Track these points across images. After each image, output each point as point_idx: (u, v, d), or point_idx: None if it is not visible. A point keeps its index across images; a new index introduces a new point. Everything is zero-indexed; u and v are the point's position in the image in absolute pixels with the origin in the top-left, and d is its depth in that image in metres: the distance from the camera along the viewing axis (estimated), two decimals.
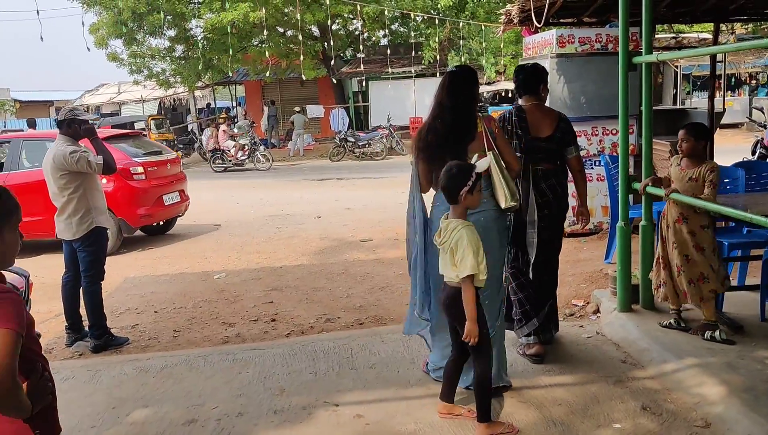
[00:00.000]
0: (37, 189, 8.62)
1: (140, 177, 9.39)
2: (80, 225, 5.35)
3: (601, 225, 7.68)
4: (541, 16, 7.13)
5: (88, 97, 35.79)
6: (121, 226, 9.18)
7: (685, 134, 4.47)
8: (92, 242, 5.44)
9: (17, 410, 1.86)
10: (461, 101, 3.95)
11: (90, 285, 5.49)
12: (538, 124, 4.50)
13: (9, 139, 9.97)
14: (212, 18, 21.83)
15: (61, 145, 5.37)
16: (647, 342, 4.57)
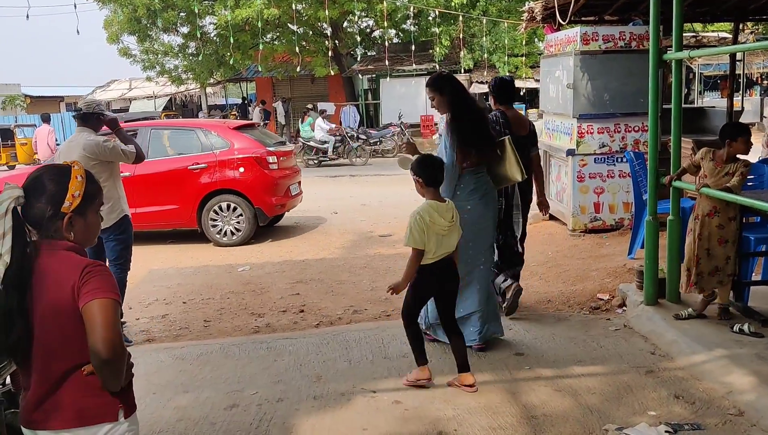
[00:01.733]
0: (169, 178, 8.92)
1: (274, 166, 9.24)
2: (111, 214, 5.35)
3: (623, 221, 7.75)
4: (566, 14, 7.19)
5: (98, 92, 35.91)
6: (258, 214, 9.07)
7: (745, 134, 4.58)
8: (123, 230, 5.49)
9: (119, 378, 1.97)
10: None
11: (119, 273, 5.48)
12: (518, 124, 5.40)
13: (137, 128, 9.85)
14: (225, 15, 21.92)
15: (89, 135, 5.37)
16: (675, 334, 4.65)
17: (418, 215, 3.97)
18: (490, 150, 4.58)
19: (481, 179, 4.58)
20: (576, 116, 7.64)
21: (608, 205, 7.83)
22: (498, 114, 5.31)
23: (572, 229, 7.92)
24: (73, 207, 2.04)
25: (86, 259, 2.03)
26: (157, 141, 9.37)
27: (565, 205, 8.10)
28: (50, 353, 1.97)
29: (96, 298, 1.91)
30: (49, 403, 1.99)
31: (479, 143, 4.50)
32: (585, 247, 7.44)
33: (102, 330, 1.88)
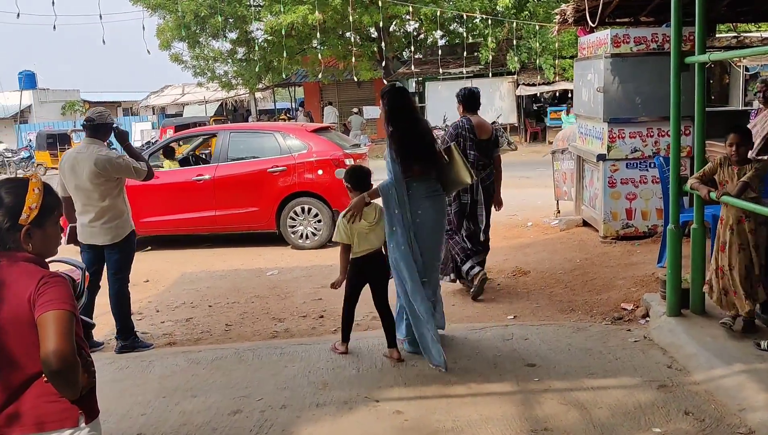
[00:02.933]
0: (249, 180, 8.97)
1: None
2: (120, 228, 5.31)
3: (656, 228, 7.53)
4: (596, 16, 7.04)
5: (153, 98, 36.92)
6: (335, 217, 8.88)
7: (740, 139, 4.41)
8: (129, 245, 5.44)
9: (74, 388, 2.00)
10: None
11: (121, 287, 5.43)
12: (481, 129, 6.22)
13: (216, 132, 10.20)
14: (272, 20, 22.23)
15: (100, 148, 5.26)
16: (695, 347, 4.49)
17: (342, 216, 4.64)
18: (431, 161, 4.70)
19: (430, 186, 4.72)
20: (607, 120, 7.46)
21: (641, 212, 7.62)
22: (464, 120, 6.23)
23: (603, 235, 7.74)
24: (30, 219, 2.08)
25: (44, 271, 2.09)
26: (236, 144, 9.44)
27: (597, 211, 7.93)
28: (11, 362, 2.02)
29: (49, 309, 1.96)
30: (10, 409, 2.04)
31: (418, 155, 4.64)
32: (615, 255, 7.26)
33: (53, 341, 1.92)
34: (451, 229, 6.22)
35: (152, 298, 7.18)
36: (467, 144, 6.12)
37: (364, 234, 4.62)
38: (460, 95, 6.34)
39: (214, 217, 9.12)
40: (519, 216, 10.45)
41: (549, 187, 11.45)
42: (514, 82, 24.98)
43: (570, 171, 9.32)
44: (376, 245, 4.72)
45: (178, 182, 9.38)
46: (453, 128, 6.29)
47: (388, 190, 4.61)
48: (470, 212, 6.26)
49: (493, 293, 6.49)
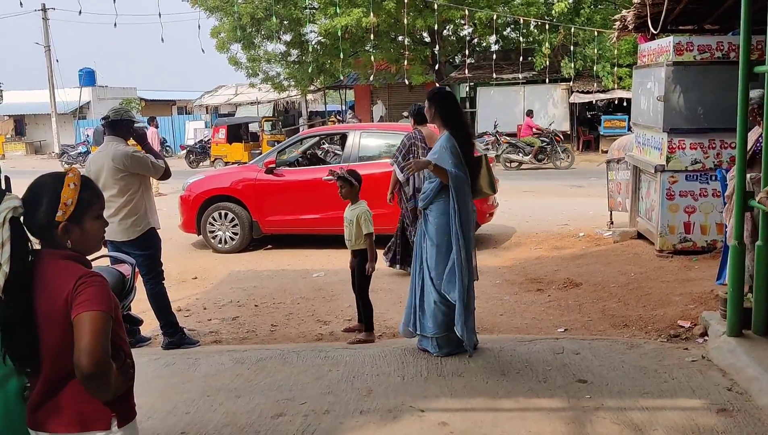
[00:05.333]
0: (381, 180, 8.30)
1: None
2: (137, 226, 5.23)
3: (715, 243, 7.25)
4: (658, 23, 6.83)
5: (207, 97, 37.54)
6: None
7: None
8: (149, 244, 5.37)
9: (106, 391, 1.97)
10: None
11: (154, 286, 5.39)
12: (431, 139, 6.89)
13: (346, 131, 10.32)
14: (326, 23, 22.35)
15: (118, 145, 5.24)
16: (757, 370, 4.26)
17: (367, 210, 5.45)
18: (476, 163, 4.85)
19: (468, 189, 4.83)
20: (666, 130, 7.22)
21: (699, 226, 7.35)
22: (416, 132, 7.30)
23: (659, 249, 7.49)
24: (67, 215, 2.04)
25: (83, 269, 2.05)
26: (367, 144, 9.35)
27: (654, 224, 7.68)
28: (54, 357, 2.00)
29: (85, 310, 1.93)
30: (49, 405, 2.03)
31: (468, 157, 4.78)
32: (671, 270, 7.01)
33: (86, 344, 1.89)
34: (409, 223, 7.33)
35: (200, 295, 7.24)
36: (420, 152, 7.09)
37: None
38: (412, 111, 7.43)
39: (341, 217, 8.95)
40: (570, 226, 10.24)
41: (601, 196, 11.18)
42: (567, 89, 24.57)
43: (625, 181, 9.07)
44: None
45: (305, 180, 9.26)
46: (407, 139, 7.33)
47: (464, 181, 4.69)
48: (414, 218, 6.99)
49: (543, 305, 6.33)
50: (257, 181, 9.26)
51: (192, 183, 9.72)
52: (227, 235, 9.32)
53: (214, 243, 9.35)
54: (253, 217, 9.24)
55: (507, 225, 10.39)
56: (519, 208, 11.81)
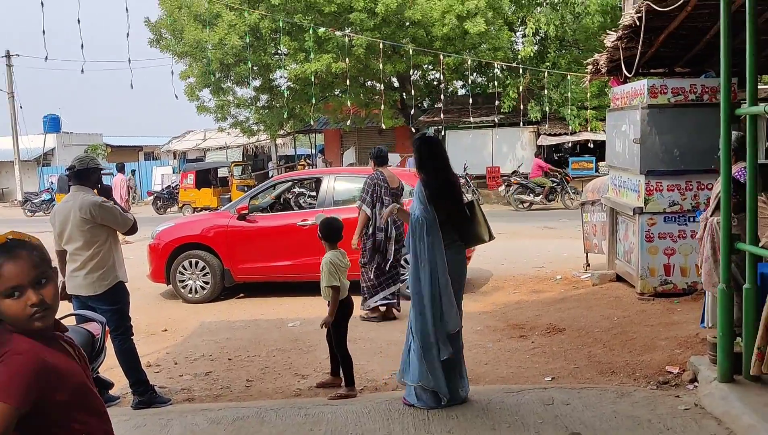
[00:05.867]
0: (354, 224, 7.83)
1: None
2: (104, 280, 5.00)
3: (696, 285, 7.20)
4: (632, 66, 6.88)
5: (175, 143, 37.25)
6: None
7: None
8: (117, 299, 5.12)
9: None
10: None
11: (123, 343, 5.12)
12: (392, 180, 7.52)
13: (320, 175, 10.09)
14: (296, 68, 22.42)
15: (85, 195, 5.03)
16: (753, 418, 4.14)
17: (328, 262, 5.12)
18: (458, 209, 4.74)
19: (450, 236, 4.68)
20: (644, 172, 7.22)
21: (680, 268, 7.32)
22: (378, 173, 7.49)
23: (640, 292, 7.42)
24: None
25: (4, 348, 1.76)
26: (342, 188, 9.16)
27: (633, 266, 7.63)
28: None
29: None
30: None
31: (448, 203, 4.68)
32: (654, 313, 6.93)
33: None
34: (364, 261, 7.48)
35: (170, 349, 6.94)
36: (382, 192, 7.39)
37: (345, 275, 5.20)
38: (372, 154, 7.69)
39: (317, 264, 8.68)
40: (547, 268, 10.18)
41: (574, 238, 11.21)
42: (535, 131, 24.88)
43: (601, 223, 9.06)
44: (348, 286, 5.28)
45: (279, 226, 9.09)
46: (370, 180, 7.49)
47: (419, 223, 4.60)
48: (384, 248, 7.45)
49: (527, 352, 6.18)
50: (229, 228, 9.05)
51: (161, 231, 9.46)
52: (198, 284, 9.04)
53: (185, 293, 9.06)
54: (225, 265, 8.99)
55: (483, 268, 10.29)
56: (493, 250, 11.68)
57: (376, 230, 7.44)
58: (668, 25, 6.63)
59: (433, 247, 4.57)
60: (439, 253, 4.57)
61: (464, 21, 21.08)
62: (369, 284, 7.53)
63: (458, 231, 4.75)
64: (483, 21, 21.13)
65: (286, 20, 20.75)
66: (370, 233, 7.47)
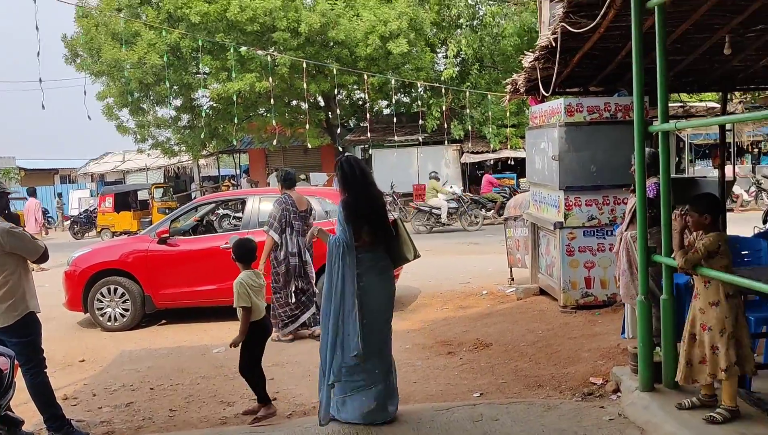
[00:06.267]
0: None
1: None
2: (13, 311, 4.73)
3: (615, 297, 7.42)
4: (549, 86, 7.07)
5: (92, 165, 36.02)
6: None
7: (690, 208, 4.29)
8: (28, 332, 4.85)
9: None
10: None
11: (35, 377, 4.86)
12: (300, 202, 7.61)
13: (245, 196, 9.81)
14: (219, 88, 22.10)
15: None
16: (674, 425, 4.26)
17: (240, 282, 5.10)
18: (382, 230, 4.71)
19: (378, 257, 4.68)
20: (563, 188, 7.43)
21: (599, 280, 7.54)
22: (286, 197, 7.55)
23: (563, 305, 7.60)
24: None
25: None
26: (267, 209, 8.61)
27: (556, 280, 7.81)
28: None
29: None
30: None
31: (369, 223, 4.65)
32: (577, 325, 7.10)
33: None
34: (278, 287, 7.44)
35: (88, 380, 6.63)
36: (291, 216, 7.47)
37: (261, 296, 5.22)
38: (280, 177, 7.77)
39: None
40: (473, 284, 10.30)
41: (498, 253, 11.40)
42: (458, 149, 25.33)
43: (523, 238, 9.25)
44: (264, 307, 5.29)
45: (201, 250, 8.81)
46: (278, 203, 7.54)
47: (336, 245, 4.60)
48: (300, 273, 7.47)
49: (456, 368, 6.20)
50: (149, 253, 8.76)
51: (77, 257, 9.07)
52: (117, 311, 8.70)
53: (103, 321, 8.69)
54: (146, 291, 8.69)
55: (411, 286, 10.32)
56: (420, 267, 11.77)
57: (288, 255, 7.45)
58: (582, 46, 6.85)
59: (345, 269, 4.55)
60: (350, 277, 4.55)
61: (387, 42, 21.32)
62: (286, 309, 7.53)
63: (388, 252, 4.75)
64: (405, 42, 21.42)
65: (207, 39, 20.45)
66: (282, 259, 7.45)
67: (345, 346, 4.54)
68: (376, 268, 4.67)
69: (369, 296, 4.58)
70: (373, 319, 4.61)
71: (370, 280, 4.61)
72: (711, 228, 4.24)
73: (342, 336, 4.55)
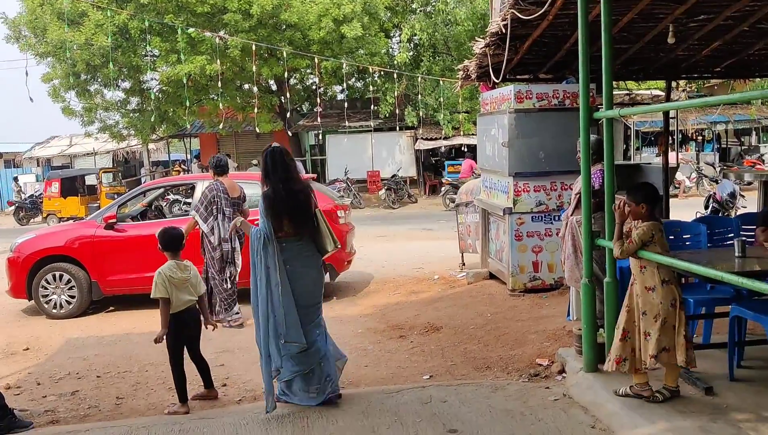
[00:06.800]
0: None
1: (342, 220, 8.88)
2: None
3: (562, 280, 7.57)
4: (499, 72, 7.14)
5: (38, 149, 35.01)
6: (329, 271, 8.46)
7: (628, 199, 4.38)
8: None
9: None
10: None
11: None
12: (232, 189, 7.63)
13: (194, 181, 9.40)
14: (168, 70, 21.66)
15: None
16: (617, 405, 4.40)
17: (160, 272, 5.02)
18: (301, 222, 4.75)
19: (302, 246, 4.75)
20: (512, 174, 7.53)
21: (547, 264, 7.69)
22: (217, 184, 7.52)
23: (512, 288, 7.73)
24: None
25: None
26: None
27: (505, 264, 7.93)
28: None
29: None
30: None
31: (288, 215, 4.70)
32: (525, 308, 7.23)
33: None
34: (215, 272, 7.45)
35: (32, 368, 6.47)
36: (222, 202, 7.46)
37: (183, 288, 5.05)
38: (212, 164, 7.73)
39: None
40: (425, 269, 10.38)
41: (451, 239, 11.51)
42: (413, 136, 25.40)
43: (474, 224, 9.35)
44: (193, 298, 5.12)
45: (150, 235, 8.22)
46: (209, 190, 7.53)
47: (257, 237, 4.67)
48: (232, 259, 7.50)
49: (406, 352, 6.26)
50: (95, 238, 8.58)
51: (21, 243, 8.82)
52: (63, 298, 8.50)
53: (48, 308, 8.49)
54: (92, 278, 8.51)
55: (364, 272, 10.35)
56: (374, 253, 11.85)
57: (221, 241, 7.47)
58: (532, 33, 6.93)
59: (268, 259, 4.61)
60: (273, 265, 4.60)
61: (341, 25, 21.16)
62: (226, 295, 7.55)
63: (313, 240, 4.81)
64: (359, 26, 21.29)
65: (156, 21, 19.99)
66: (216, 244, 7.49)
67: (279, 333, 4.61)
68: (301, 257, 4.73)
69: (295, 283, 4.65)
70: (301, 304, 4.67)
71: (295, 267, 4.67)
72: (647, 217, 4.36)
73: (274, 323, 4.61)
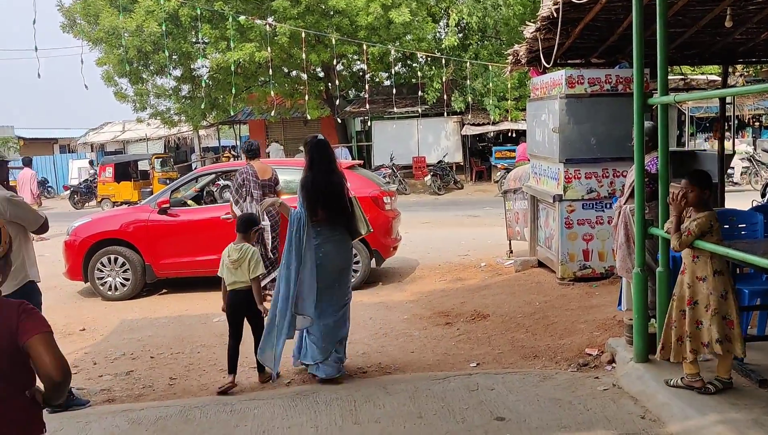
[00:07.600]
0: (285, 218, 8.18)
1: (388, 206, 9.02)
2: (13, 279, 4.56)
3: (612, 269, 7.44)
4: (550, 57, 7.03)
5: (92, 135, 35.92)
6: (375, 257, 8.80)
7: (688, 184, 4.26)
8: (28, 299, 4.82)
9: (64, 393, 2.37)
10: None
11: None
12: (263, 172, 7.97)
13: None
14: (218, 57, 21.93)
15: None
16: (667, 396, 4.33)
17: (223, 253, 5.33)
18: (337, 210, 5.16)
19: (335, 231, 5.17)
20: (562, 161, 7.42)
21: (597, 253, 7.57)
22: (248, 167, 7.88)
23: (561, 277, 7.64)
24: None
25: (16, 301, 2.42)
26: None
27: (554, 252, 7.84)
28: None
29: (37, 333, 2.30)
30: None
31: (324, 204, 5.09)
32: (574, 297, 7.15)
33: (51, 360, 2.25)
34: None
35: (89, 348, 6.69)
36: (251, 185, 7.79)
37: (231, 270, 5.25)
38: (244, 149, 8.20)
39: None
40: (471, 256, 10.34)
41: (497, 225, 11.42)
42: (459, 121, 25.22)
43: (523, 211, 9.26)
44: (242, 282, 5.24)
45: (202, 220, 8.83)
46: (239, 174, 7.89)
47: (296, 218, 5.11)
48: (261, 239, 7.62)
49: (452, 339, 6.26)
50: (149, 223, 8.79)
51: (77, 226, 9.09)
52: (118, 281, 8.75)
53: (104, 290, 8.75)
54: (146, 261, 8.73)
55: (409, 257, 10.36)
56: (420, 239, 11.85)
57: None
58: (584, 17, 6.80)
59: (302, 241, 5.05)
60: (309, 248, 5.08)
61: (389, 10, 21.06)
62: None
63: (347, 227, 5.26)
64: (408, 11, 21.17)
65: (206, 8, 20.24)
66: None
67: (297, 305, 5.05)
68: (333, 240, 5.16)
69: (326, 262, 5.12)
70: (330, 281, 5.14)
71: (327, 249, 5.13)
72: (704, 205, 4.25)
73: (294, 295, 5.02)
